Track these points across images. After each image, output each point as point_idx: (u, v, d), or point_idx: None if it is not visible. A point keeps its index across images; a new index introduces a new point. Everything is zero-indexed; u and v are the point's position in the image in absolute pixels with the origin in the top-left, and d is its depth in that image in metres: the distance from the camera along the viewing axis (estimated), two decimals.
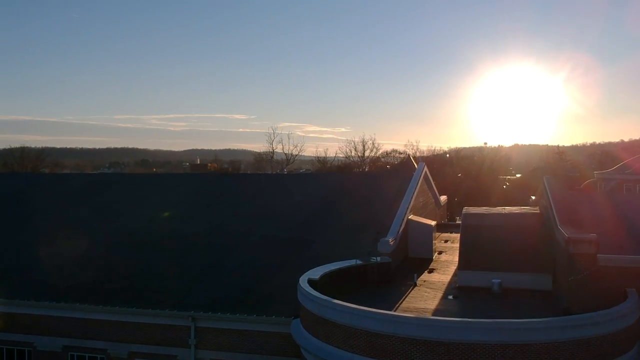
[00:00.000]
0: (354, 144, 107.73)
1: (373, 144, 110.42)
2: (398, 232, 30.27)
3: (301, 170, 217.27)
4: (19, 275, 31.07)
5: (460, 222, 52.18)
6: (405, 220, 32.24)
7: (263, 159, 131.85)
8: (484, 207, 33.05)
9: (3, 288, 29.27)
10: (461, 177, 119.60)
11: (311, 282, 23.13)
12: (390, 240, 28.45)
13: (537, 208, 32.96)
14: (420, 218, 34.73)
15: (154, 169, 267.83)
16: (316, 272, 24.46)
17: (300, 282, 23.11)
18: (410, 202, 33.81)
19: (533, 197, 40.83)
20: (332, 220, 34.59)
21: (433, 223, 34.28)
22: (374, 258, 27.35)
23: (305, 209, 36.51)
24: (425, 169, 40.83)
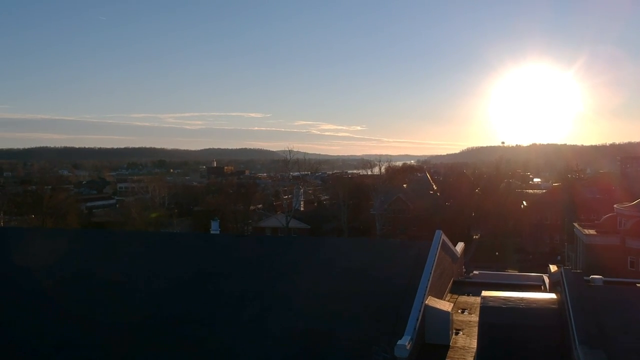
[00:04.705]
0: (370, 164, 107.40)
1: (389, 164, 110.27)
2: (415, 328, 30.15)
3: (318, 174, 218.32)
4: None
5: (475, 275, 51.68)
6: (422, 309, 32.12)
7: (279, 169, 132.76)
8: (502, 297, 32.71)
9: None
10: (479, 192, 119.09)
11: None
12: (407, 344, 28.34)
13: (556, 297, 32.62)
14: (438, 302, 34.53)
15: (171, 170, 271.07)
16: None
17: None
18: (427, 287, 33.63)
19: (553, 269, 40.25)
20: (346, 305, 34.47)
21: (449, 308, 34.09)
22: None
23: (316, 289, 36.41)
24: (443, 236, 40.51)
